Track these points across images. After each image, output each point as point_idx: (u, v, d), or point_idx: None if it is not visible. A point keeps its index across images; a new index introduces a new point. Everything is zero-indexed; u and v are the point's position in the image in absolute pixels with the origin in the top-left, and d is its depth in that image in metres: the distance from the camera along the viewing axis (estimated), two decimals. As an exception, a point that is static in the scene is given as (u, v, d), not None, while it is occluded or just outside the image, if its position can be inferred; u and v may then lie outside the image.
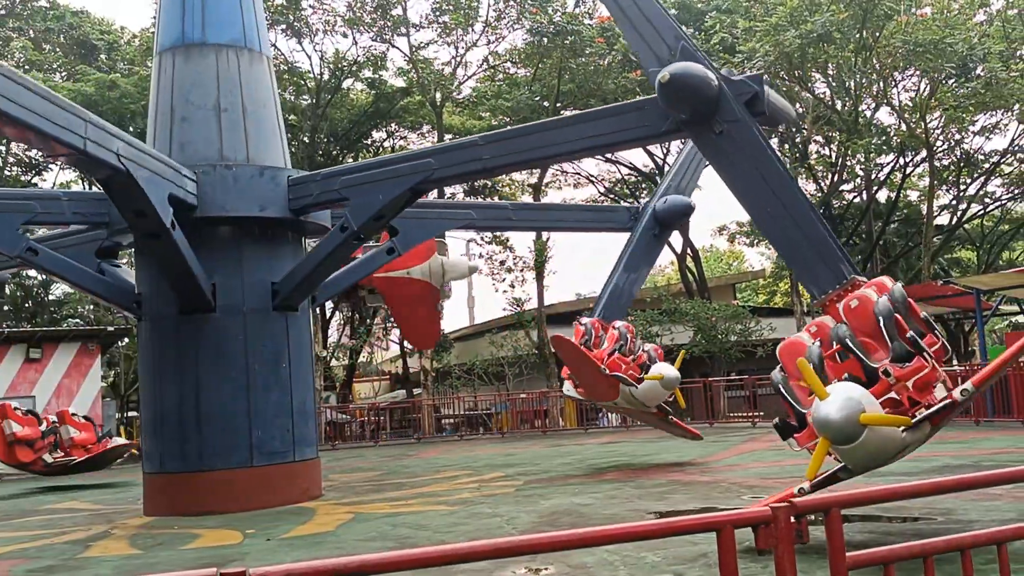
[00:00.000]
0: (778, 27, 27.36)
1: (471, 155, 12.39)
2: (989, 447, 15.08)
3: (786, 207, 9.60)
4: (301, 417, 13.81)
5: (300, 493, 13.45)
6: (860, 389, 7.23)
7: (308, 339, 14.53)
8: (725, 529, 3.05)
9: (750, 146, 9.76)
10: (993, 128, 33.46)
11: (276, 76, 16.23)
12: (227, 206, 13.26)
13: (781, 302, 46.82)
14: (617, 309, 16.18)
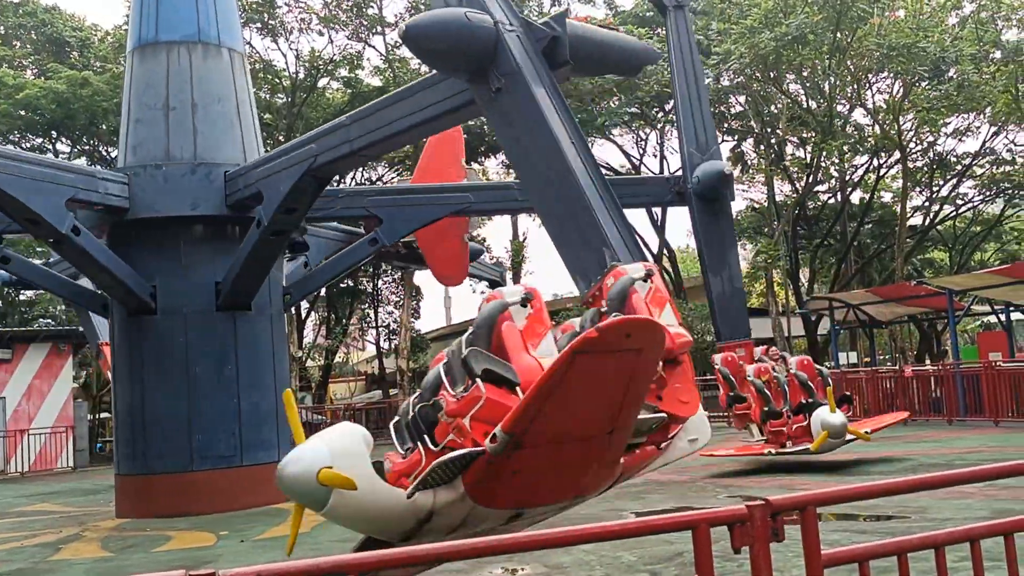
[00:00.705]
0: (753, 29, 27.50)
1: (342, 137, 11.44)
2: (962, 446, 15.23)
3: (554, 182, 8.08)
4: (254, 420, 13.38)
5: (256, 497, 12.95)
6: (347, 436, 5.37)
7: (269, 339, 13.96)
8: (700, 528, 3.04)
9: (524, 104, 8.03)
10: (965, 131, 33.80)
11: (251, 74, 16.10)
12: (157, 206, 13.15)
13: (757, 302, 47.06)
14: (731, 319, 14.60)
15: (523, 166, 8.43)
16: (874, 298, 27.04)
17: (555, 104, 8.01)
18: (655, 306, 6.85)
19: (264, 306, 13.87)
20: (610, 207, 7.74)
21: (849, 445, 14.07)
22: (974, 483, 4.24)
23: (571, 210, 7.83)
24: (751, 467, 14.43)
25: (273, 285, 13.80)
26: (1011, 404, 18.79)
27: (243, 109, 14.26)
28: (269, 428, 13.66)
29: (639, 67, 10.60)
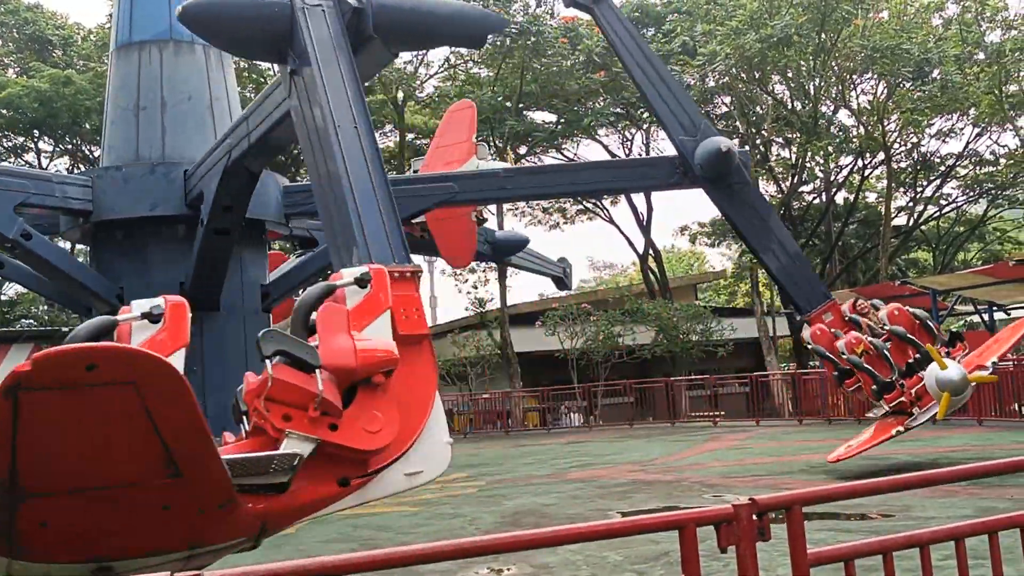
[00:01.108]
0: (738, 30, 27.60)
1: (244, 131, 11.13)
2: (946, 445, 15.31)
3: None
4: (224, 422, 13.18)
5: None
6: None
7: (241, 339, 13.55)
8: (687, 527, 3.04)
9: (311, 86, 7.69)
10: (949, 132, 34.02)
11: (236, 73, 16.01)
12: (117, 208, 13.07)
13: (742, 302, 47.23)
14: (802, 288, 13.53)
15: (306, 153, 7.92)
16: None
17: (346, 85, 7.49)
18: (364, 316, 6.06)
19: (235, 306, 13.53)
20: (382, 202, 7.22)
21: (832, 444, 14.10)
22: (958, 482, 4.26)
23: (335, 203, 7.36)
24: (737, 466, 14.48)
25: (247, 284, 13.58)
26: (994, 404, 18.91)
27: (219, 105, 13.99)
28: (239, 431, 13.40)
29: (481, 37, 9.61)
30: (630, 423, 26.95)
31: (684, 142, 13.32)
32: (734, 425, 24.38)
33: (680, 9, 34.31)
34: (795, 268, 13.33)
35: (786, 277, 13.31)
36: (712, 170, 13.13)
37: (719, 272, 50.71)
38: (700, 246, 51.63)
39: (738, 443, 18.70)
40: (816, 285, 13.39)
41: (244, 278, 13.57)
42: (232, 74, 14.77)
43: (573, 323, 30.49)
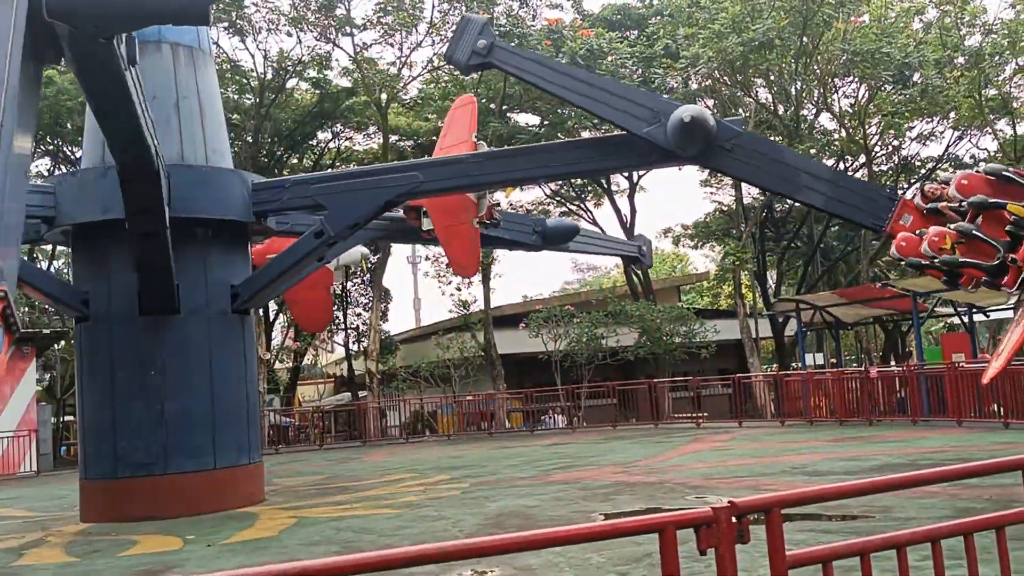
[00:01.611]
0: (720, 33, 27.74)
1: None
2: (926, 446, 15.43)
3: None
4: (182, 427, 12.93)
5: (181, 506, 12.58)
6: None
7: (204, 342, 13.35)
8: (667, 530, 3.07)
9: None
10: (929, 135, 34.31)
11: (219, 75, 15.93)
12: (73, 213, 13.04)
13: (725, 304, 47.44)
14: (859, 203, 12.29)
15: None
16: (840, 300, 27.34)
17: None
18: None
19: (198, 308, 13.33)
20: None
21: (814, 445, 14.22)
22: (937, 484, 4.33)
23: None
24: (720, 467, 14.54)
25: (213, 286, 13.42)
26: (973, 404, 19.08)
27: (186, 104, 13.79)
28: (202, 434, 13.08)
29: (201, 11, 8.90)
30: (613, 425, 27.02)
31: (652, 132, 12.18)
32: (717, 426, 24.48)
33: (662, 12, 34.45)
34: (839, 191, 11.92)
35: (835, 205, 11.98)
36: (693, 146, 11.99)
37: (702, 274, 50.92)
38: (683, 248, 51.84)
39: (721, 444, 18.78)
40: (871, 193, 11.90)
41: (209, 279, 13.37)
42: (209, 72, 14.52)
43: (557, 325, 30.56)
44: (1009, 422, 17.56)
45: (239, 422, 13.51)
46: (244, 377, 13.85)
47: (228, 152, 14.54)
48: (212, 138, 14.06)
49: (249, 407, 13.89)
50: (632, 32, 34.96)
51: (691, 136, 11.86)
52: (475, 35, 12.33)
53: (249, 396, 13.97)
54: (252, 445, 13.91)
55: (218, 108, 14.54)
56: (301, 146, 36.88)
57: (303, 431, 33.68)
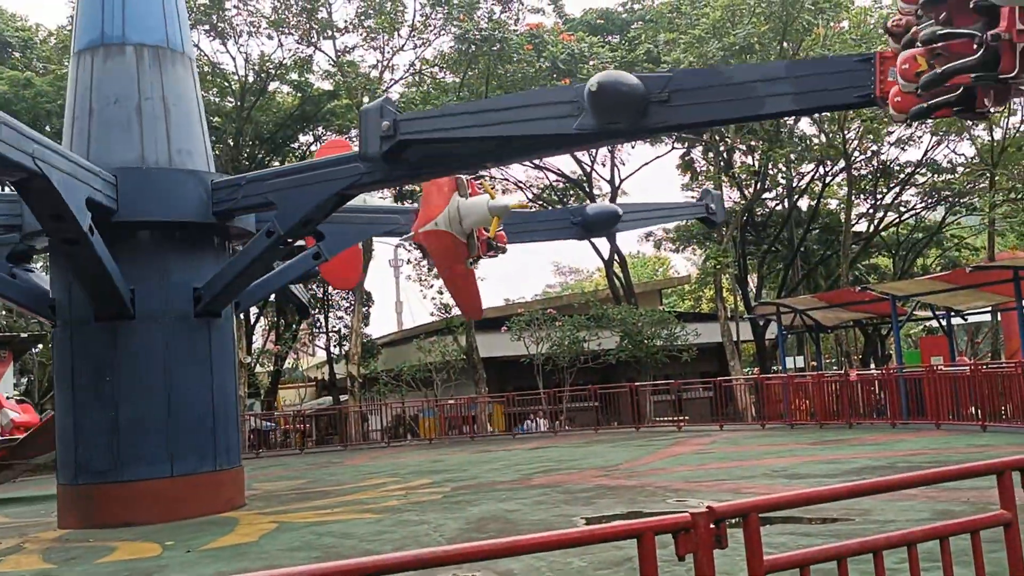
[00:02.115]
0: (701, 39, 27.88)
1: None
2: (905, 448, 15.54)
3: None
4: (136, 434, 12.81)
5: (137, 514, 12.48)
6: None
7: (160, 347, 13.11)
8: (646, 535, 3.08)
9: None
10: (907, 140, 34.59)
11: (200, 77, 15.84)
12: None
13: (707, 307, 47.63)
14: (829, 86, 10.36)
15: None
16: (820, 303, 27.51)
17: None
18: None
19: (154, 313, 13.10)
20: None
21: (794, 448, 14.24)
22: (914, 488, 4.37)
23: None
24: (700, 470, 14.59)
25: (172, 289, 13.21)
26: (951, 407, 19.24)
27: (149, 106, 13.63)
28: (156, 441, 12.87)
29: None
30: (595, 428, 27.05)
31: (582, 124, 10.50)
32: (698, 429, 24.56)
33: (644, 18, 34.58)
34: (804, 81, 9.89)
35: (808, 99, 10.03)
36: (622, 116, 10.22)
37: (683, 277, 51.12)
38: (665, 251, 52.01)
39: (702, 447, 18.84)
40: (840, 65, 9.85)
41: (169, 283, 13.21)
42: (179, 71, 14.26)
43: (538, 328, 30.57)
44: (986, 425, 17.71)
45: (202, 428, 13.36)
46: (211, 382, 13.64)
47: (201, 152, 14.23)
48: (179, 138, 13.83)
49: (226, 411, 13.77)
50: (614, 37, 35.07)
51: (610, 106, 10.08)
52: (377, 121, 11.41)
53: (227, 399, 13.86)
54: (232, 449, 13.83)
55: (189, 108, 14.24)
56: (282, 149, 36.76)
57: (287, 436, 33.52)
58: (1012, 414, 17.60)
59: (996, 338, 35.30)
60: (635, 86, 9.91)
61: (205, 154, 14.40)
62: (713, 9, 29.08)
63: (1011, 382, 17.65)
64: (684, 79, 10.38)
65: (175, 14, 14.40)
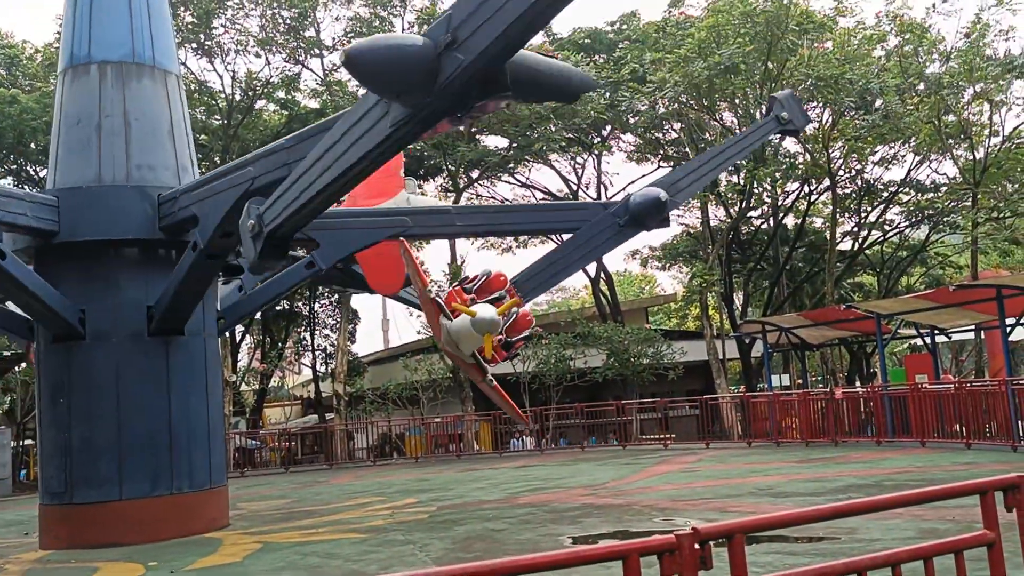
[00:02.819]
0: (687, 58, 28.07)
1: None
2: (890, 466, 15.58)
3: None
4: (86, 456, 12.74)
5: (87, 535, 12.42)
6: None
7: (112, 369, 12.96)
8: (631, 557, 3.08)
9: None
10: (891, 159, 34.84)
11: (188, 95, 15.82)
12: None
13: (693, 325, 47.74)
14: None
15: None
16: (805, 321, 27.61)
17: None
18: None
19: (103, 332, 13.01)
20: None
21: (780, 466, 14.21)
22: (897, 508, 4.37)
23: None
24: (687, 489, 14.58)
25: (122, 309, 13.11)
26: (936, 425, 19.31)
27: (108, 123, 13.57)
28: (107, 463, 12.71)
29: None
30: (581, 446, 27.01)
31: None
32: (684, 447, 24.57)
33: (630, 37, 34.80)
34: None
35: None
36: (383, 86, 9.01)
37: (670, 296, 51.19)
38: (651, 270, 52.11)
39: (688, 466, 18.84)
40: None
41: (119, 302, 13.10)
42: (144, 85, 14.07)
43: (525, 346, 30.52)
44: (971, 442, 17.78)
45: (197, 445, 13.27)
46: (204, 400, 13.58)
47: (169, 165, 13.94)
48: (140, 154, 13.65)
49: (211, 430, 13.66)
50: (601, 56, 35.26)
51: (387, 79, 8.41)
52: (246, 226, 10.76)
53: (212, 418, 13.76)
54: (216, 468, 13.72)
55: (155, 121, 14.00)
56: (269, 167, 36.68)
57: (276, 451, 33.30)
58: (996, 432, 17.68)
59: (980, 356, 35.45)
60: (405, 43, 8.12)
61: (176, 167, 13.96)
62: (699, 29, 29.28)
63: (995, 400, 17.73)
64: None
65: (144, 27, 14.18)
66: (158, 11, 14.49)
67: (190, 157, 14.40)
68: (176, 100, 14.34)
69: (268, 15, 31.46)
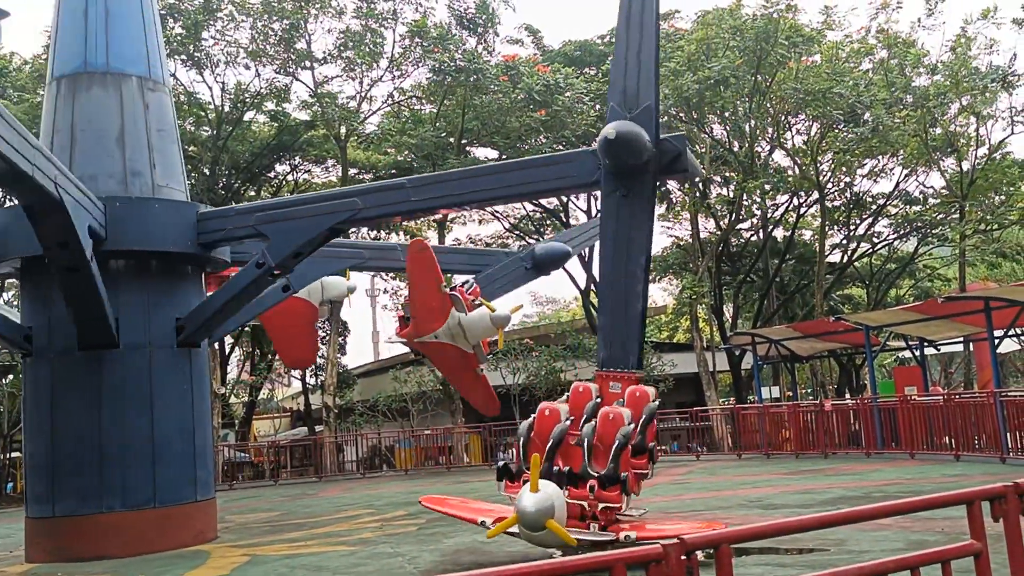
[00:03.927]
0: (676, 71, 28.19)
1: None
2: (879, 478, 15.59)
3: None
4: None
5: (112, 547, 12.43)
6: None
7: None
8: (617, 567, 3.06)
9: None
10: (880, 172, 35.01)
11: (176, 106, 15.79)
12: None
13: (683, 338, 47.75)
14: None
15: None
16: (795, 333, 27.67)
17: None
18: None
19: (139, 342, 13.02)
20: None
21: (770, 478, 14.12)
22: (887, 518, 4.37)
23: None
24: (676, 500, 14.56)
25: (155, 319, 13.13)
26: (925, 437, 19.34)
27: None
28: (135, 473, 12.75)
29: None
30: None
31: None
32: (674, 459, 24.54)
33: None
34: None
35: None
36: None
37: (660, 308, 51.23)
38: (641, 282, 51.96)
39: (678, 477, 18.82)
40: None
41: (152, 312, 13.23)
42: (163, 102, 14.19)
43: (515, 358, 30.51)
44: (960, 454, 17.81)
45: (184, 458, 13.22)
46: (191, 412, 13.53)
47: (180, 182, 14.19)
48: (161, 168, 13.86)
49: (197, 442, 13.60)
50: (592, 69, 35.36)
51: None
52: None
53: (198, 431, 13.70)
54: (204, 481, 13.65)
55: (170, 138, 14.19)
56: (259, 179, 36.64)
57: (261, 467, 33.15)
58: (985, 444, 17.72)
59: (968, 368, 35.59)
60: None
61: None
62: (688, 43, 29.43)
63: (984, 412, 17.78)
64: None
65: (156, 46, 14.42)
66: (120, 14, 14.09)
67: (151, 161, 13.92)
68: (134, 104, 13.90)
69: (259, 27, 31.45)
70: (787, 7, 28.82)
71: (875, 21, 30.32)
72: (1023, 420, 16.79)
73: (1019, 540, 4.35)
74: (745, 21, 28.30)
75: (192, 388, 13.61)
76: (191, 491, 13.25)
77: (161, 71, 14.48)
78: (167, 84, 14.74)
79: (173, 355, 13.29)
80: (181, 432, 13.28)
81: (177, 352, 13.32)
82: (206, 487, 13.69)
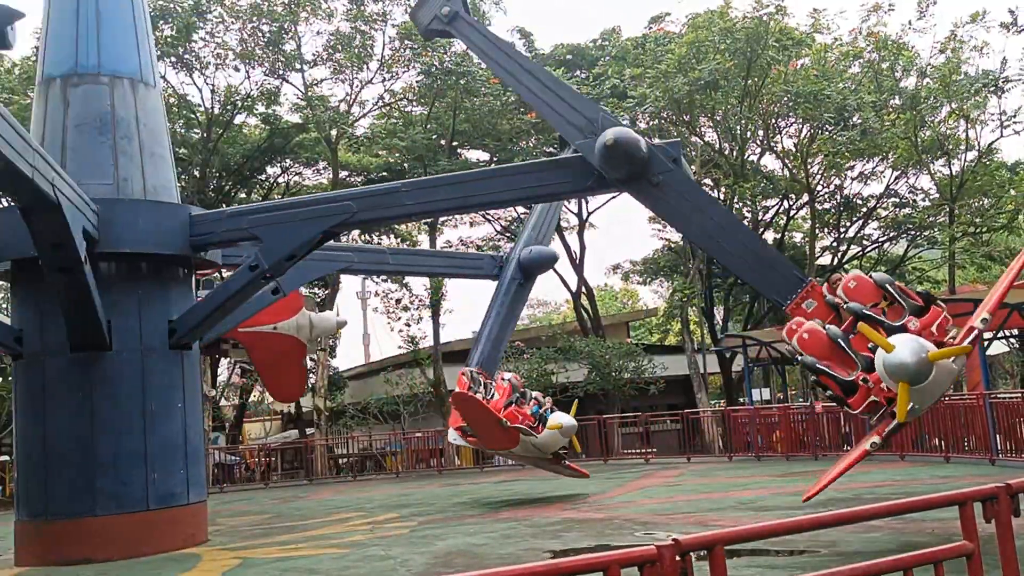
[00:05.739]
0: (667, 74, 28.25)
1: None
2: (870, 480, 15.63)
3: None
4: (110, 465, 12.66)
5: None
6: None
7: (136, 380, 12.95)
8: (611, 569, 3.06)
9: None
10: (869, 175, 35.14)
11: (167, 109, 15.72)
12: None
13: (674, 340, 47.80)
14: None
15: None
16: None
17: None
18: None
19: (131, 344, 12.95)
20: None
21: (761, 480, 14.20)
22: (878, 519, 4.38)
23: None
24: (668, 503, 14.58)
25: (148, 321, 13.01)
26: (915, 439, 19.41)
27: (123, 138, 13.55)
28: (127, 476, 12.68)
29: None
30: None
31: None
32: (666, 462, 24.58)
33: (611, 54, 34.98)
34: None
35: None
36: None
37: (651, 310, 51.30)
38: (633, 284, 52.19)
39: (669, 480, 18.85)
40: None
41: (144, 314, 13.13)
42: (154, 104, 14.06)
43: (506, 361, 30.51)
44: (949, 456, 17.88)
45: (175, 461, 13.16)
46: (182, 415, 13.46)
47: (171, 184, 14.08)
48: (152, 170, 13.73)
49: (188, 445, 13.53)
50: (582, 72, 35.42)
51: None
52: None
53: (190, 433, 13.64)
54: (195, 483, 13.59)
55: (161, 140, 14.14)
56: (249, 181, 36.56)
57: (250, 471, 33.06)
58: (975, 446, 17.79)
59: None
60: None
61: (174, 186, 14.35)
62: (679, 45, 29.49)
63: (973, 414, 17.85)
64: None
65: (147, 48, 14.37)
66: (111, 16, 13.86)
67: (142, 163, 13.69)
68: (125, 105, 13.67)
69: (248, 28, 31.40)
70: (776, 8, 28.93)
71: (866, 23, 30.44)
72: (1012, 422, 16.86)
73: (1011, 541, 4.38)
74: (735, 24, 28.39)
75: (184, 390, 13.53)
76: (183, 494, 13.19)
77: (152, 73, 14.40)
78: (158, 86, 14.70)
79: (165, 357, 13.21)
80: (172, 434, 13.19)
81: (169, 354, 13.25)
82: (197, 490, 13.63)
